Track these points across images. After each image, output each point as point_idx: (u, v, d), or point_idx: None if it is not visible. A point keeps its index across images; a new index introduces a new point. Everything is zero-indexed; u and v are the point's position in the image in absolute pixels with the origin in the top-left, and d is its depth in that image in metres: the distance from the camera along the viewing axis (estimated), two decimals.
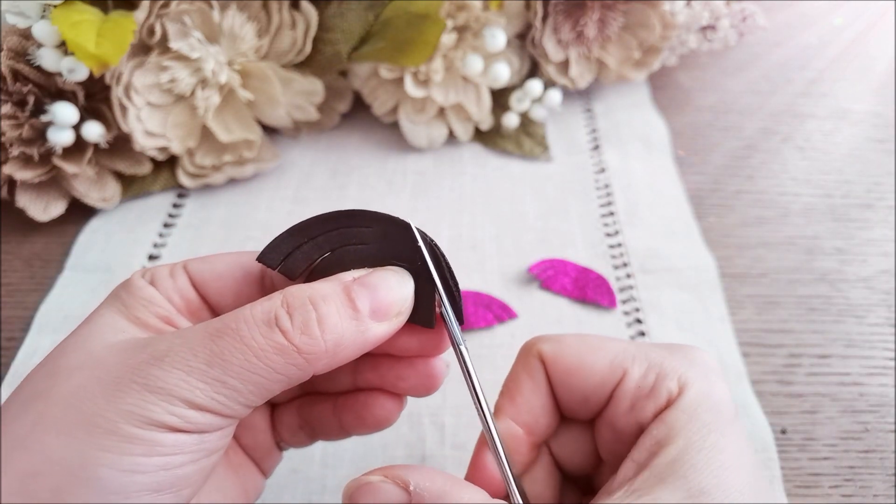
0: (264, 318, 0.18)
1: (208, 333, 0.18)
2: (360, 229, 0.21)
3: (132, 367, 0.18)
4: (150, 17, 0.42)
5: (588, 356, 0.22)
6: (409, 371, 0.23)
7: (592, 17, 0.50)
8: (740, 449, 0.19)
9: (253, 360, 0.18)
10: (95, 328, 0.20)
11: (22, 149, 0.41)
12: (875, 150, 0.53)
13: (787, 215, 0.48)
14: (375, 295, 0.20)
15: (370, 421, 0.24)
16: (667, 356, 0.21)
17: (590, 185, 0.50)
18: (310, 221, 0.22)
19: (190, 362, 0.17)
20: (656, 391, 0.21)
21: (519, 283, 0.42)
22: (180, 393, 0.17)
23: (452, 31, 0.47)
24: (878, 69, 0.63)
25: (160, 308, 0.21)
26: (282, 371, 0.18)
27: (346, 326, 0.19)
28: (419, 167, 0.51)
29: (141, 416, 0.17)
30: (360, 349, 0.20)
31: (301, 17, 0.46)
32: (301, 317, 0.18)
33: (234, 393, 0.18)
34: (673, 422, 0.19)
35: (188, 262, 0.23)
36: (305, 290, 0.19)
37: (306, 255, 0.21)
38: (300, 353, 0.18)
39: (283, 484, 0.33)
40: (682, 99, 0.58)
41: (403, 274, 0.21)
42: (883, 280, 0.43)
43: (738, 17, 0.55)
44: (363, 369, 0.24)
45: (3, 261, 0.44)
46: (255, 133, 0.47)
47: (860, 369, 0.38)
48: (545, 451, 0.25)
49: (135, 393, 0.17)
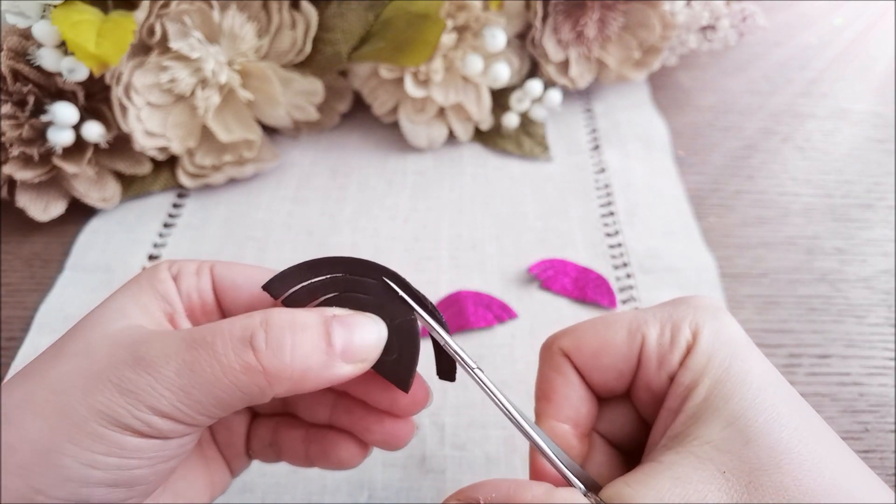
0: (241, 335, 0.19)
1: (185, 342, 0.19)
2: (366, 280, 0.22)
3: (113, 363, 0.18)
4: (150, 17, 0.42)
5: (606, 334, 0.23)
6: (378, 426, 0.24)
7: (592, 17, 0.50)
8: (764, 369, 0.20)
9: (219, 376, 0.18)
10: (105, 312, 0.21)
11: (22, 149, 0.41)
12: (875, 150, 0.53)
13: (787, 215, 0.48)
14: (350, 336, 0.20)
15: (333, 459, 0.25)
16: (673, 310, 0.23)
17: (590, 185, 0.50)
18: (321, 261, 0.22)
19: (161, 369, 0.18)
20: (675, 342, 0.22)
21: (519, 283, 0.42)
22: (146, 398, 0.18)
23: (452, 31, 0.47)
24: (878, 69, 0.63)
25: (168, 306, 0.22)
26: (244, 390, 0.19)
27: (315, 359, 0.19)
28: (419, 167, 0.51)
29: (108, 415, 0.18)
30: (321, 384, 0.20)
31: (301, 17, 0.46)
32: (276, 339, 0.19)
33: (196, 404, 0.18)
34: (695, 364, 0.20)
35: (216, 265, 0.23)
36: (287, 316, 0.20)
37: (311, 293, 0.22)
38: (265, 375, 0.19)
39: (283, 484, 0.33)
40: (682, 99, 0.58)
41: (380, 323, 0.21)
42: (883, 280, 0.43)
43: (738, 17, 0.55)
44: (339, 408, 0.25)
45: (3, 261, 0.44)
46: (255, 133, 0.47)
47: (860, 369, 0.38)
48: (596, 436, 0.25)
49: (107, 391, 0.18)
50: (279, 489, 0.33)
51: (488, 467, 0.34)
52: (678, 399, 0.21)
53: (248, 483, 0.33)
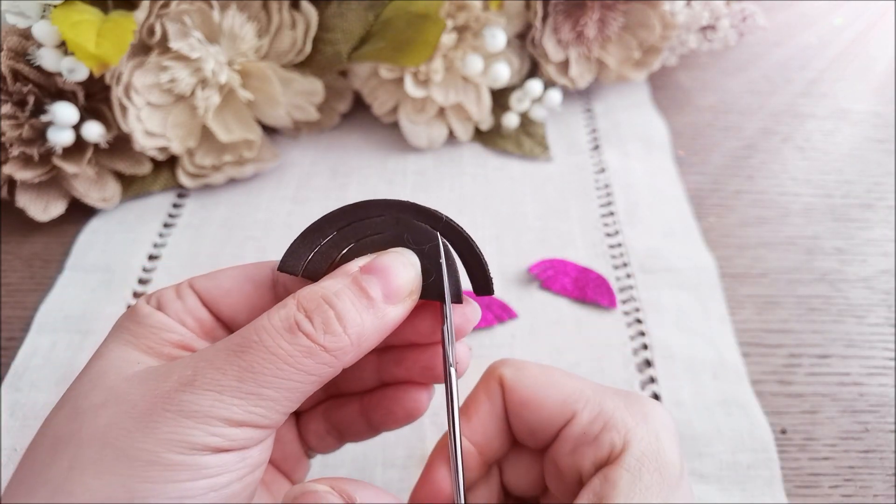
0: (285, 326, 0.18)
1: (231, 350, 0.18)
2: (373, 220, 0.21)
3: (161, 396, 0.17)
4: (150, 17, 0.42)
5: (543, 391, 0.22)
6: (437, 358, 0.23)
7: (592, 17, 0.50)
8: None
9: (284, 368, 0.18)
10: (107, 364, 0.19)
11: (22, 149, 0.41)
12: (875, 150, 0.53)
13: (787, 215, 0.48)
14: (385, 279, 0.20)
15: (401, 414, 0.24)
16: (620, 407, 0.21)
17: (590, 185, 0.50)
18: (321, 221, 0.21)
19: (220, 382, 0.17)
20: (599, 441, 0.20)
21: (519, 283, 0.42)
22: (218, 413, 0.17)
23: (452, 31, 0.47)
24: (878, 69, 0.63)
25: (173, 334, 0.21)
26: (314, 372, 0.18)
27: (364, 317, 0.19)
28: (419, 167, 0.51)
29: (182, 441, 0.17)
30: (381, 335, 0.20)
31: (301, 17, 0.46)
32: (320, 317, 0.18)
33: (270, 403, 0.18)
34: (616, 479, 0.19)
35: (193, 281, 0.22)
36: (317, 290, 0.19)
37: (325, 255, 0.21)
38: (328, 352, 0.18)
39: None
40: (682, 99, 0.58)
41: (407, 254, 0.21)
42: (883, 280, 0.43)
43: (738, 17, 0.55)
44: (387, 364, 0.24)
45: (3, 261, 0.44)
46: (255, 133, 0.47)
47: (860, 369, 0.38)
48: (494, 470, 0.25)
49: (170, 421, 0.17)
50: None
51: None
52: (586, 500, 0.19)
53: None
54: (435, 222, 0.21)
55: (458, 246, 0.21)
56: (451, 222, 0.22)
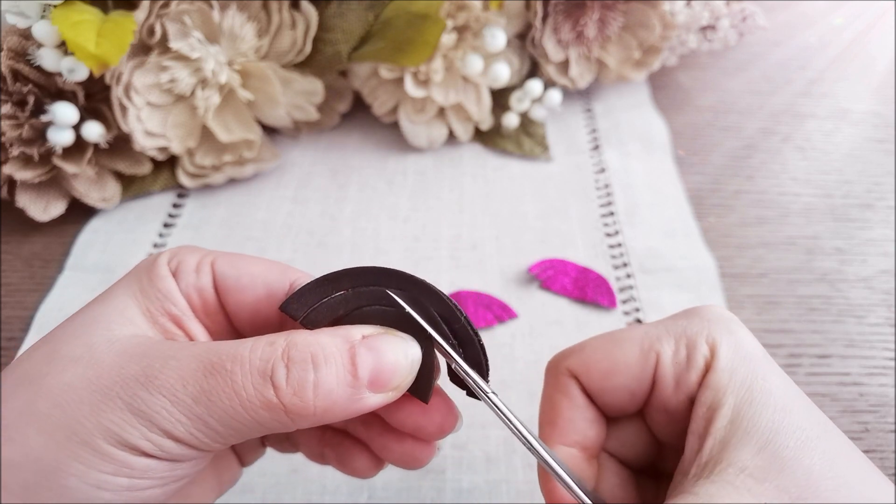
0: (261, 368, 0.17)
1: (203, 365, 0.17)
2: (391, 290, 0.20)
3: (123, 379, 0.17)
4: (150, 17, 0.42)
5: (616, 354, 0.22)
6: (397, 444, 0.23)
7: (592, 17, 0.50)
8: (785, 386, 0.20)
9: (238, 409, 0.17)
10: (105, 312, 0.19)
11: (22, 149, 0.41)
12: (875, 150, 0.53)
13: (787, 215, 0.48)
14: (379, 362, 0.19)
15: (347, 467, 0.24)
16: (686, 324, 0.22)
17: (590, 185, 0.50)
18: (341, 273, 0.20)
19: (177, 392, 0.17)
20: (693, 361, 0.21)
21: (519, 283, 0.42)
22: (160, 422, 0.17)
23: (452, 31, 0.47)
24: (878, 69, 0.63)
25: (173, 306, 0.21)
26: (265, 424, 0.18)
27: (340, 393, 0.18)
28: (419, 167, 0.51)
29: (118, 435, 0.17)
30: (348, 416, 0.19)
31: (301, 17, 0.46)
32: (297, 376, 0.17)
33: (213, 433, 0.18)
34: (716, 383, 0.20)
35: (217, 260, 0.22)
36: (310, 344, 0.18)
37: (332, 309, 0.20)
38: (286, 413, 0.18)
39: (283, 484, 0.33)
40: (682, 99, 0.58)
41: (411, 343, 0.20)
42: (883, 280, 0.43)
43: (738, 17, 0.55)
44: (356, 420, 0.24)
45: (3, 261, 0.44)
46: (255, 133, 0.47)
47: (860, 369, 0.38)
48: (606, 456, 0.24)
49: (118, 410, 0.17)
50: (279, 489, 0.33)
51: (488, 467, 0.34)
52: (702, 421, 0.20)
53: (248, 483, 0.33)
54: (454, 319, 0.20)
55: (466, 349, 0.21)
56: (469, 324, 0.20)
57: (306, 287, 0.20)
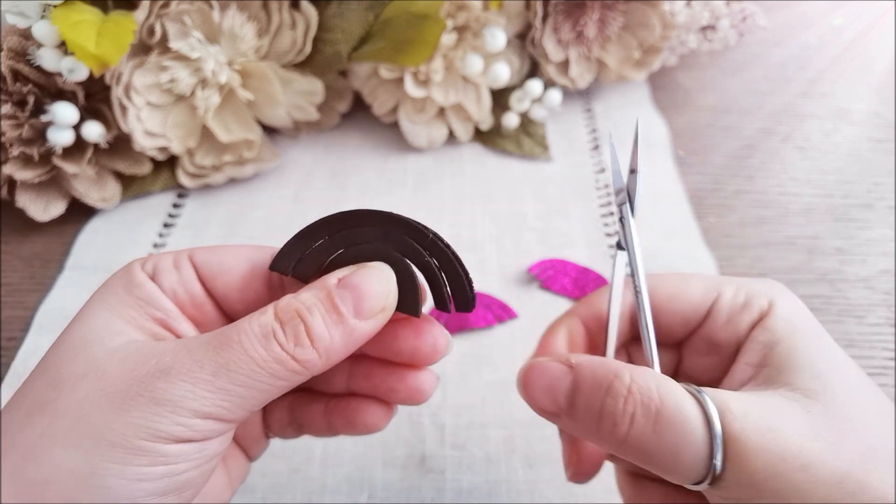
0: (263, 332, 0.19)
1: (212, 346, 0.19)
2: (364, 229, 0.22)
3: (138, 379, 0.18)
4: (150, 17, 0.42)
5: (683, 283, 0.24)
6: (400, 383, 0.24)
7: (592, 17, 0.50)
8: (839, 350, 0.21)
9: (256, 370, 0.19)
10: (92, 330, 0.20)
11: (22, 149, 0.41)
12: (875, 150, 0.53)
13: (787, 215, 0.48)
14: (358, 295, 0.20)
15: (359, 426, 0.25)
16: (751, 282, 0.24)
17: (590, 185, 0.50)
18: (315, 225, 0.22)
19: (196, 374, 0.18)
20: (749, 306, 0.23)
21: (519, 283, 0.42)
22: (188, 403, 0.18)
23: (452, 31, 0.47)
24: (878, 69, 0.63)
25: (157, 310, 0.21)
26: (283, 377, 0.19)
27: (333, 332, 0.20)
28: (419, 167, 0.51)
29: (148, 428, 0.18)
30: (350, 349, 0.20)
31: (301, 17, 0.46)
32: (292, 329, 0.19)
33: (238, 399, 0.19)
34: (775, 327, 0.21)
35: (194, 252, 0.23)
36: (293, 302, 0.20)
37: (315, 258, 0.22)
38: (297, 362, 0.19)
39: (283, 484, 0.33)
40: (682, 99, 0.59)
41: (383, 269, 0.22)
42: (883, 280, 0.43)
43: (738, 17, 0.55)
44: (357, 375, 0.25)
45: (3, 261, 0.44)
46: (255, 133, 0.47)
47: None
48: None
49: (142, 406, 0.18)
50: (279, 489, 0.33)
51: (488, 467, 0.34)
52: (757, 355, 0.21)
53: (248, 483, 0.33)
54: (422, 238, 0.22)
55: (444, 263, 0.22)
56: (438, 239, 0.22)
57: (287, 244, 0.22)
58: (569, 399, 0.21)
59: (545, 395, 0.21)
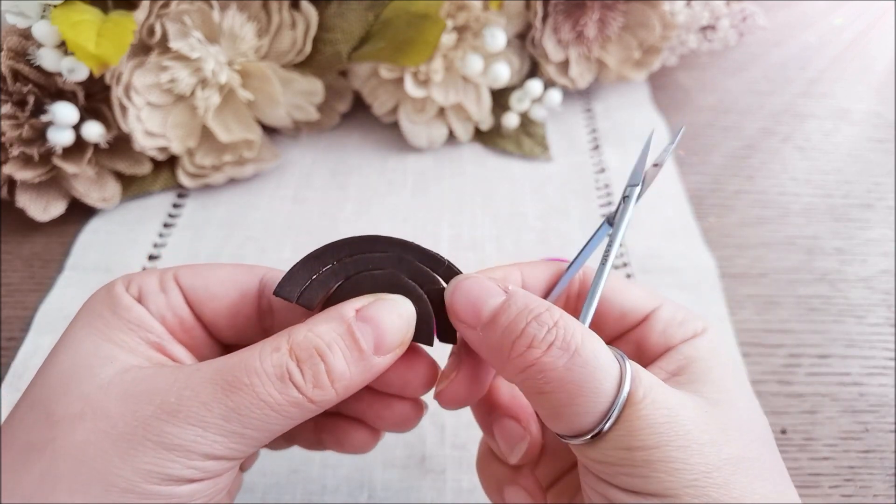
0: (277, 374, 0.18)
1: (219, 386, 0.18)
2: (375, 254, 0.21)
3: (143, 420, 0.17)
4: (150, 17, 0.42)
5: (629, 285, 0.25)
6: (387, 410, 0.24)
7: (592, 17, 0.50)
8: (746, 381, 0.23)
9: (270, 414, 0.18)
10: (80, 358, 0.19)
11: (22, 149, 0.41)
12: (875, 150, 0.53)
13: (787, 215, 0.48)
14: (378, 330, 0.20)
15: (347, 446, 0.25)
16: (688, 309, 0.25)
17: (590, 185, 0.50)
18: (322, 249, 0.21)
19: (205, 418, 0.18)
20: (685, 325, 0.23)
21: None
22: (199, 448, 0.18)
23: (452, 31, 0.47)
24: (878, 69, 0.63)
25: (150, 334, 0.20)
26: (297, 418, 0.19)
27: (353, 370, 0.19)
28: (419, 167, 0.51)
29: (159, 473, 0.17)
30: (365, 382, 0.20)
31: (301, 17, 0.46)
32: (311, 370, 0.19)
33: (249, 440, 0.18)
34: (701, 346, 0.22)
35: (180, 274, 0.22)
36: (311, 339, 0.19)
37: (323, 284, 0.21)
38: (314, 403, 0.19)
39: (283, 484, 0.33)
40: (682, 99, 0.58)
41: (403, 303, 0.21)
42: (883, 280, 0.43)
43: (738, 17, 0.55)
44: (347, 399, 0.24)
45: (3, 261, 0.44)
46: (255, 133, 0.47)
47: (860, 369, 0.38)
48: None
49: (150, 451, 0.17)
50: (279, 489, 0.33)
51: None
52: (675, 364, 0.22)
53: (248, 483, 0.33)
54: (437, 266, 0.21)
55: None
56: (453, 267, 0.21)
57: (294, 268, 0.21)
58: (492, 315, 0.20)
59: (469, 305, 0.20)
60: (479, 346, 0.21)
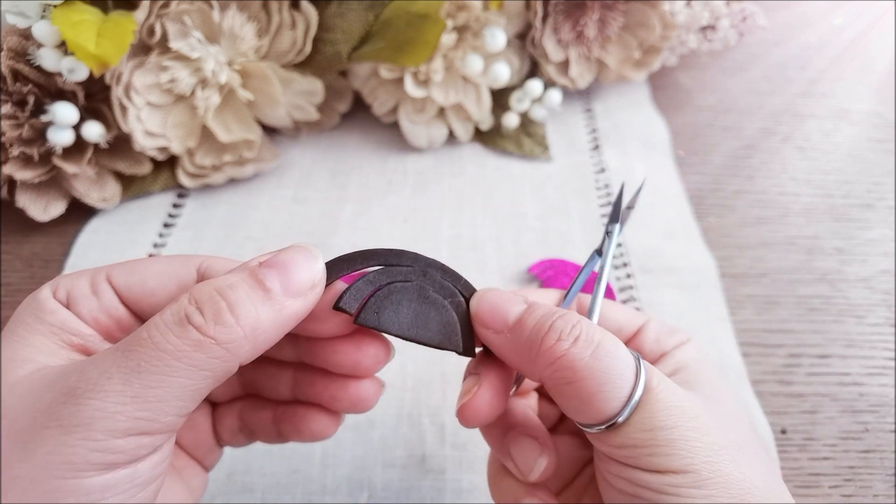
0: (175, 319, 0.17)
1: (120, 351, 0.17)
2: (402, 267, 0.23)
3: (42, 410, 0.16)
4: (150, 17, 0.42)
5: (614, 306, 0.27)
6: (343, 392, 0.24)
7: (592, 17, 0.50)
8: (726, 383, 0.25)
9: (172, 364, 0.17)
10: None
11: (22, 149, 0.41)
12: (875, 150, 0.53)
13: (787, 215, 0.48)
14: (285, 272, 0.19)
15: (307, 434, 0.25)
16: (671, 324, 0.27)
17: (590, 185, 0.50)
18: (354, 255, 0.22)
19: (104, 387, 0.16)
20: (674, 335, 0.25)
21: (519, 284, 0.42)
22: (100, 423, 0.16)
23: (452, 31, 0.47)
24: (878, 69, 0.63)
25: (74, 336, 0.19)
26: (205, 367, 0.17)
27: (260, 309, 0.18)
28: (419, 167, 0.51)
29: (63, 462, 0.15)
30: (280, 329, 0.19)
31: (301, 17, 0.46)
32: (211, 308, 0.18)
33: (158, 404, 0.17)
34: (690, 352, 0.25)
35: (112, 273, 0.21)
36: (211, 283, 0.18)
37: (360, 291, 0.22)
38: (219, 345, 0.17)
39: (283, 484, 0.33)
40: (682, 99, 0.58)
41: (311, 248, 0.21)
42: (883, 280, 0.43)
43: (738, 17, 0.55)
44: (301, 383, 0.25)
45: (3, 261, 0.44)
46: (255, 133, 0.47)
47: (860, 369, 0.38)
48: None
49: (50, 439, 0.16)
50: (279, 489, 0.33)
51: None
52: (670, 367, 0.24)
53: (248, 483, 0.33)
54: (455, 281, 0.23)
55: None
56: (469, 284, 0.23)
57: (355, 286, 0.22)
58: (518, 318, 0.22)
59: (495, 312, 0.22)
60: (505, 349, 0.22)
